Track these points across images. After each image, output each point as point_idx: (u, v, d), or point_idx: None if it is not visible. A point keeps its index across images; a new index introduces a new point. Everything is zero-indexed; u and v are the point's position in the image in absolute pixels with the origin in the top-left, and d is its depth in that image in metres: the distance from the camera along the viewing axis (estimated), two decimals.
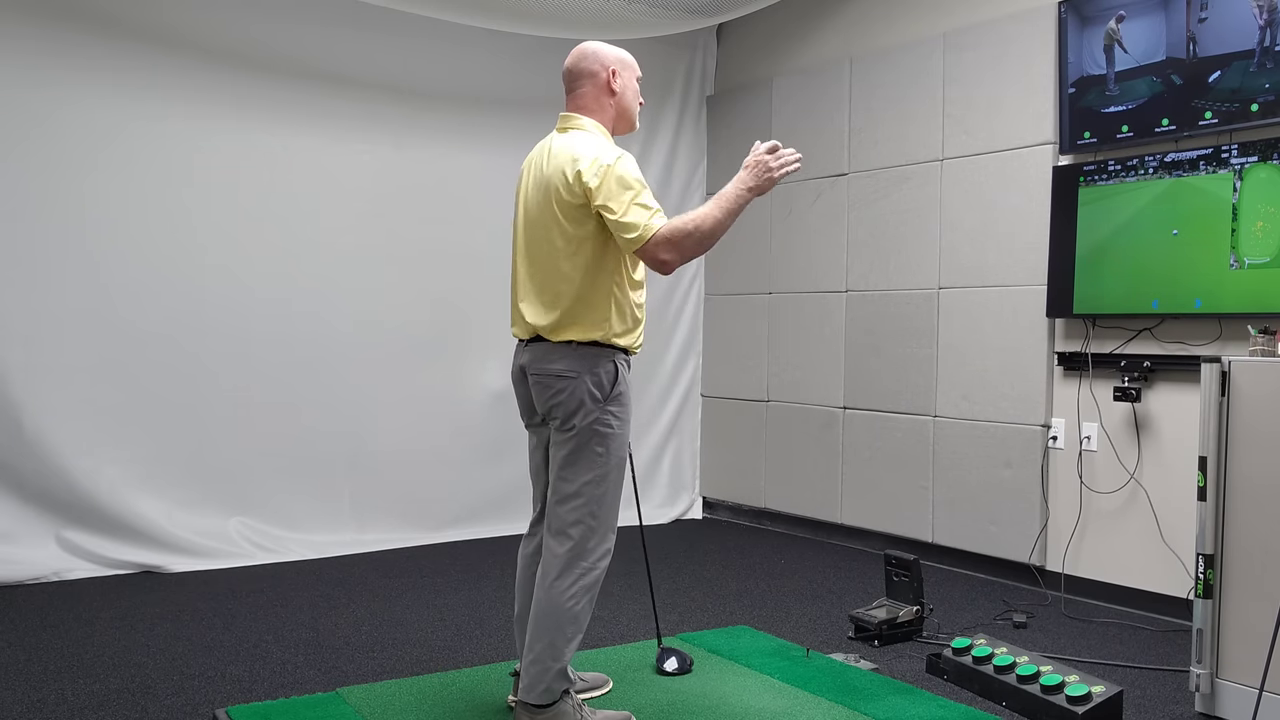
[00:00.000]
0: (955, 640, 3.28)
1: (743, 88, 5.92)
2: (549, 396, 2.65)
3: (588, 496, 2.64)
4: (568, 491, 2.65)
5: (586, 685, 2.99)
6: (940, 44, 4.79)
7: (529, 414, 2.79)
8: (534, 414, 2.76)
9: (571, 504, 2.64)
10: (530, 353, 2.71)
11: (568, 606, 2.62)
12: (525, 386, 2.74)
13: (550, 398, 2.65)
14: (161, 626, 3.72)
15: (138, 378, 4.58)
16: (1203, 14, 3.80)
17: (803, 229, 5.49)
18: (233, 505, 4.80)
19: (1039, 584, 4.39)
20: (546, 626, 2.61)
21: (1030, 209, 4.41)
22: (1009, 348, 4.50)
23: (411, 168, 5.23)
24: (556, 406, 2.64)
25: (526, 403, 2.77)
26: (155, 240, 4.61)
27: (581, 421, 2.62)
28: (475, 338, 5.42)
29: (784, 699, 3.03)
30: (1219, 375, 2.95)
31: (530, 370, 2.70)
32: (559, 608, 2.61)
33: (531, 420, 2.80)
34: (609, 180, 2.55)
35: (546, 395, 2.66)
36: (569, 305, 2.63)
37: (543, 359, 2.66)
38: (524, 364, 2.72)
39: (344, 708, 2.91)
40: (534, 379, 2.68)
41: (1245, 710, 2.84)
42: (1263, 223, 3.65)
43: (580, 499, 2.64)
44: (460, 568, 4.71)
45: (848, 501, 5.25)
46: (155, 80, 4.59)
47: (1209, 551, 2.96)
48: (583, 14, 4.92)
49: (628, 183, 2.56)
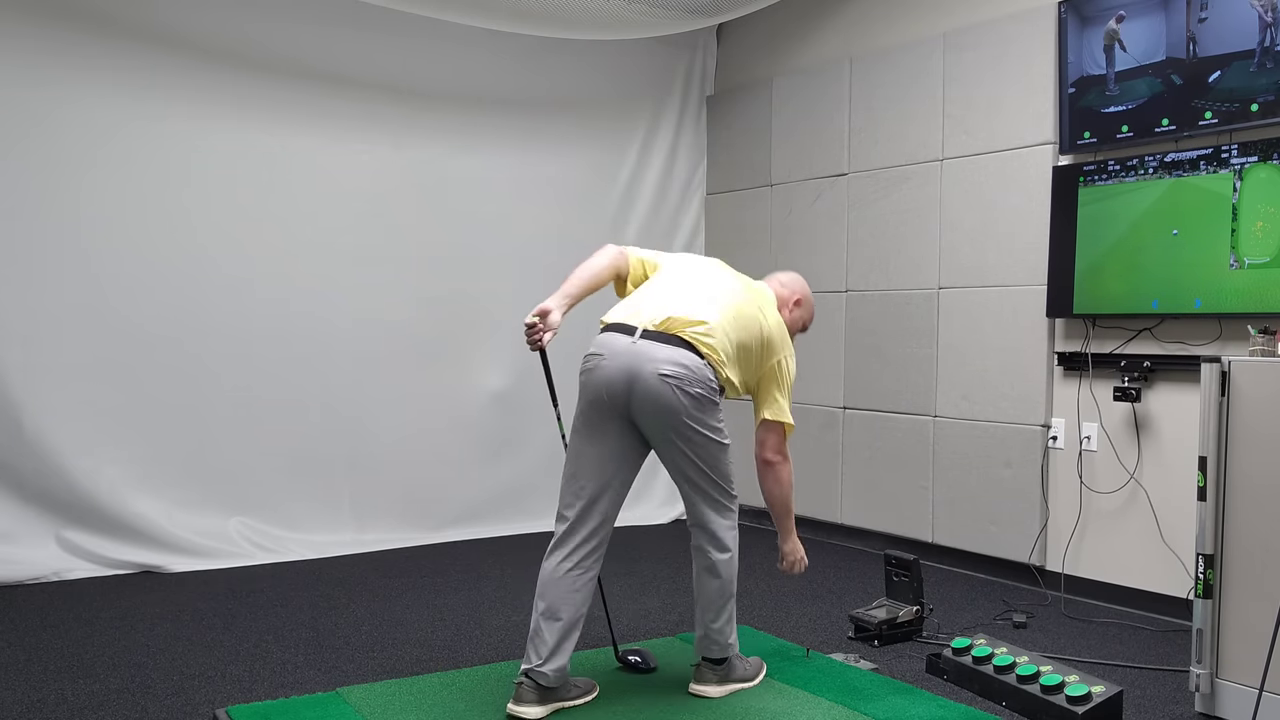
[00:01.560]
0: (955, 640, 3.28)
1: (743, 88, 5.92)
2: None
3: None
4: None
5: (580, 691, 2.98)
6: (940, 44, 4.79)
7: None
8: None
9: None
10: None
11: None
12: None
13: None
14: (161, 626, 3.72)
15: (137, 378, 4.58)
16: (1203, 14, 3.80)
17: (803, 229, 5.49)
18: (233, 505, 4.80)
19: (1039, 584, 4.39)
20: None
21: (1030, 209, 4.41)
22: (1009, 348, 4.50)
23: (411, 168, 5.23)
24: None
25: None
26: (154, 240, 4.61)
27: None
28: (475, 337, 5.42)
29: (784, 699, 3.03)
30: (1219, 375, 2.95)
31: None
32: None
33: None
34: (788, 368, 3.05)
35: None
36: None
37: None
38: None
39: (344, 708, 2.91)
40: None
41: (1245, 710, 2.84)
42: (1263, 223, 3.65)
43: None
44: (460, 568, 4.71)
45: (848, 501, 5.25)
46: (154, 80, 4.59)
47: (1209, 551, 2.96)
48: (583, 14, 4.92)
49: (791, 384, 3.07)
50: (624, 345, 2.82)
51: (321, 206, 4.99)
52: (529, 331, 2.85)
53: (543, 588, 2.86)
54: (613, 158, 5.81)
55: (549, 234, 5.59)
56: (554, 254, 5.61)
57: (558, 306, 2.87)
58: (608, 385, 2.81)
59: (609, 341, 2.85)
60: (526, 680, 2.83)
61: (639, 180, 5.88)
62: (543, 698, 2.83)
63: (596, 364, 2.84)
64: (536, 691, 2.82)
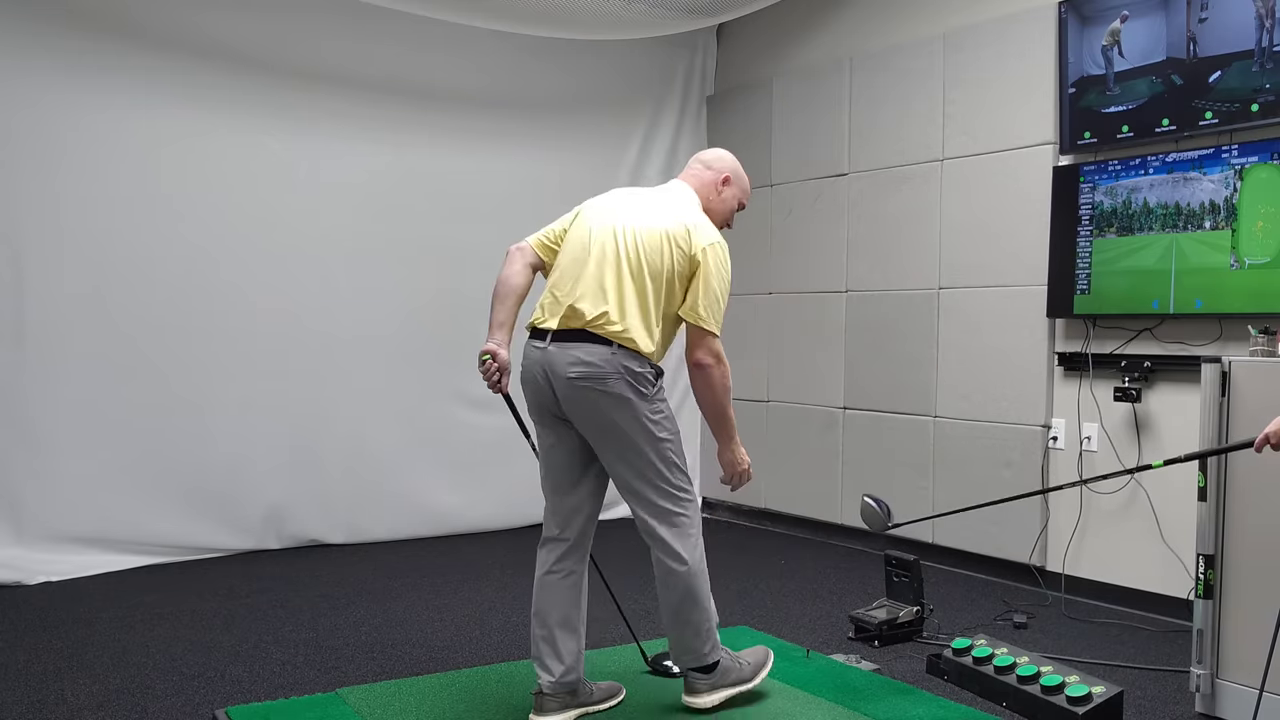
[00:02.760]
0: (955, 641, 3.28)
1: (743, 88, 5.92)
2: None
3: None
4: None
5: (603, 694, 2.96)
6: (940, 44, 4.79)
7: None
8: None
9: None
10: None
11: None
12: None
13: None
14: (161, 626, 3.72)
15: (137, 377, 4.58)
16: (1203, 14, 3.80)
17: (803, 229, 5.49)
18: (232, 505, 4.80)
19: (1039, 584, 4.38)
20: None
21: (1030, 209, 4.41)
22: (1009, 348, 4.50)
23: (411, 167, 5.23)
24: None
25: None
26: (153, 240, 4.61)
27: None
28: (475, 337, 5.38)
29: (784, 699, 3.03)
30: (1219, 375, 2.95)
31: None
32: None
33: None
34: (716, 264, 2.80)
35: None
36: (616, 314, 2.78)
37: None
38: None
39: (344, 708, 2.90)
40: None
41: (1245, 710, 2.84)
42: (1263, 223, 3.65)
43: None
44: (460, 568, 4.71)
45: (848, 501, 5.25)
46: (155, 80, 4.59)
47: (1209, 551, 2.96)
48: (583, 14, 4.92)
49: (725, 280, 2.83)
50: (538, 356, 2.78)
51: (322, 206, 4.99)
52: (486, 378, 2.85)
53: (534, 592, 2.86)
54: (613, 158, 5.80)
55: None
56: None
57: (499, 344, 2.86)
58: (537, 396, 2.81)
59: (529, 352, 2.82)
60: (538, 688, 2.82)
61: (639, 180, 5.87)
62: (554, 705, 2.80)
63: (524, 375, 2.84)
64: (545, 698, 2.80)
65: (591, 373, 2.69)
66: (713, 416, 2.94)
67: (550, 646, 2.80)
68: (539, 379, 2.77)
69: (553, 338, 2.75)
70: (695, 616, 2.81)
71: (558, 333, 2.75)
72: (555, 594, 2.82)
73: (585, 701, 2.87)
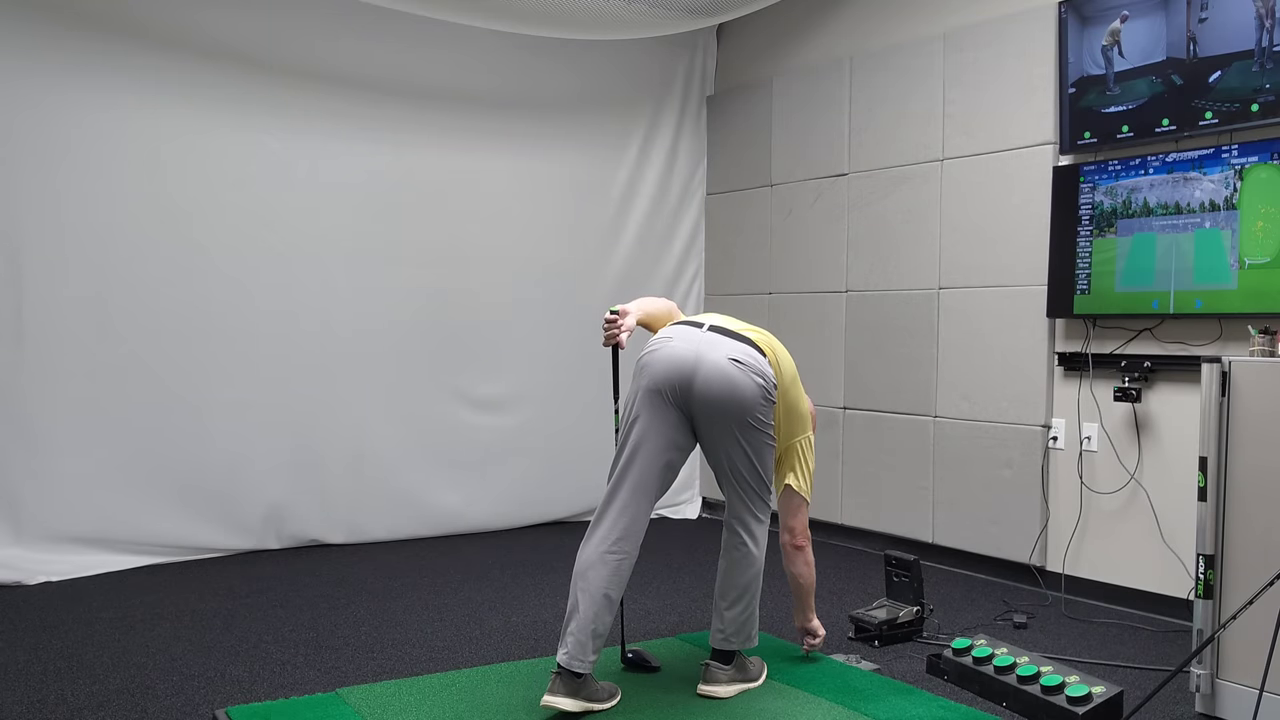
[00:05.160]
0: (955, 641, 3.28)
1: (743, 88, 5.92)
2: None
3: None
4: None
5: (607, 693, 2.96)
6: (940, 44, 4.79)
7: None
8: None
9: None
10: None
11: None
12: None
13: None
14: (161, 626, 3.72)
15: (137, 377, 4.58)
16: (1203, 14, 3.80)
17: (803, 229, 5.49)
18: (232, 505, 4.80)
19: (1039, 584, 4.38)
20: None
21: (1030, 209, 4.41)
22: (1009, 348, 4.50)
23: (411, 168, 5.23)
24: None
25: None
26: (153, 239, 4.60)
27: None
28: (475, 337, 5.42)
29: (784, 699, 3.03)
30: (1219, 375, 2.95)
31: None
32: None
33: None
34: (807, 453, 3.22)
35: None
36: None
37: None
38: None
39: (344, 708, 2.90)
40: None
41: (1245, 710, 2.84)
42: (1263, 223, 3.65)
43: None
44: (460, 568, 4.71)
45: (848, 501, 5.25)
46: (155, 79, 4.59)
47: (1209, 552, 2.96)
48: (583, 14, 4.92)
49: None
50: (693, 333, 2.93)
51: (322, 206, 4.99)
52: (607, 326, 2.96)
53: (581, 569, 2.85)
54: (613, 158, 5.81)
55: (549, 234, 5.59)
56: (554, 254, 5.62)
57: (634, 312, 3.03)
58: (675, 366, 2.86)
59: (677, 329, 2.96)
60: (561, 669, 2.82)
61: (639, 180, 5.88)
62: (572, 690, 2.81)
63: (663, 345, 2.91)
64: (564, 682, 2.81)
65: (751, 364, 2.89)
66: (809, 589, 3.27)
67: (595, 633, 2.80)
68: (685, 356, 2.87)
69: (709, 328, 2.95)
70: (754, 604, 3.08)
71: (716, 327, 2.95)
72: (603, 570, 2.83)
73: (593, 696, 2.89)
